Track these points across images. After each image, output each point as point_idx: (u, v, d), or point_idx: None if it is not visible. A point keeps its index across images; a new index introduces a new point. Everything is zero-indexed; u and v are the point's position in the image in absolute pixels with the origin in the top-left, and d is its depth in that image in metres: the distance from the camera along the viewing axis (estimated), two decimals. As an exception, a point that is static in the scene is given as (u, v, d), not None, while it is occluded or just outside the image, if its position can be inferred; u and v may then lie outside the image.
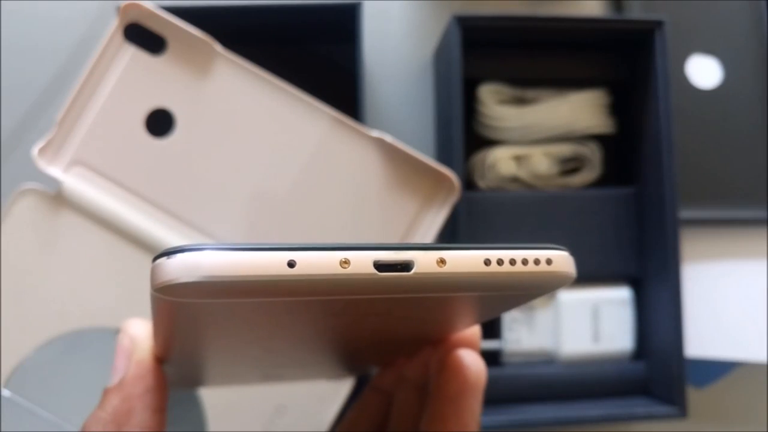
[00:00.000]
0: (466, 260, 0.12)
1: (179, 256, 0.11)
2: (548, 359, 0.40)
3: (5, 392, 0.31)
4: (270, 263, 0.11)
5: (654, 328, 0.39)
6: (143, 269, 0.32)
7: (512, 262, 0.13)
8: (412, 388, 0.22)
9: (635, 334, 0.41)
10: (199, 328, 0.15)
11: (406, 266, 0.12)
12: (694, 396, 0.39)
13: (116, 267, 0.32)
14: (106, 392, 0.19)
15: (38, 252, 0.32)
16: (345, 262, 0.11)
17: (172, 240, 0.32)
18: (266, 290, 0.11)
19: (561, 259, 0.13)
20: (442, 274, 0.12)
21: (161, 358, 0.20)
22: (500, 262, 0.13)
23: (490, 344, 0.39)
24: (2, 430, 0.31)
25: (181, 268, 0.11)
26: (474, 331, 0.21)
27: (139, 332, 0.20)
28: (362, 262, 0.12)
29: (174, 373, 0.21)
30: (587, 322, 0.40)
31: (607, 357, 0.40)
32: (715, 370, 0.44)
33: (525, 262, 0.13)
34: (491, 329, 0.40)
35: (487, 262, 0.13)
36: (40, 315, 0.31)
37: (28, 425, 0.31)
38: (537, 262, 0.13)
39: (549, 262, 0.13)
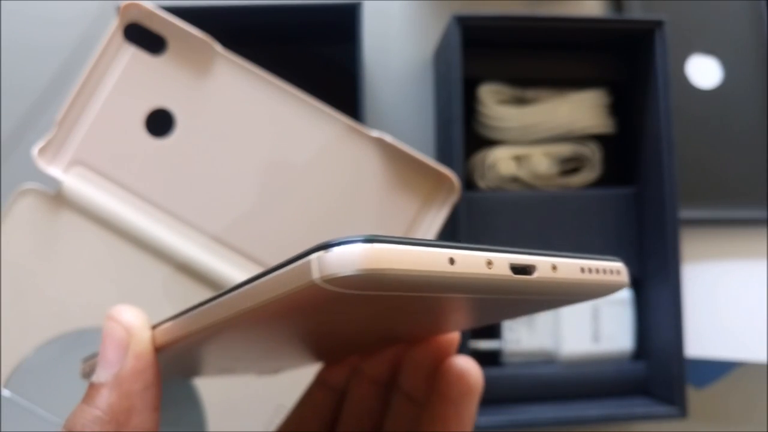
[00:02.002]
0: (569, 267, 0.14)
1: (353, 246, 0.11)
2: (548, 359, 0.40)
3: (5, 392, 0.31)
4: (435, 259, 0.11)
5: (654, 328, 0.39)
6: (143, 269, 0.32)
7: (598, 271, 0.14)
8: (371, 384, 0.22)
9: (635, 334, 0.41)
10: (306, 321, 0.15)
11: (530, 270, 0.13)
12: (694, 396, 0.39)
13: (116, 267, 0.32)
14: (97, 387, 0.17)
15: (38, 252, 0.32)
16: (489, 263, 0.12)
17: (172, 240, 0.32)
18: (430, 286, 0.11)
19: (624, 271, 0.15)
20: (554, 279, 0.13)
21: (161, 349, 0.18)
22: (590, 270, 0.14)
23: (490, 344, 0.39)
24: (2, 430, 0.31)
25: (361, 258, 0.11)
26: (455, 335, 0.21)
27: (135, 321, 0.18)
28: (501, 264, 0.12)
29: (166, 364, 0.20)
30: (587, 322, 0.40)
31: (607, 357, 0.40)
32: (715, 370, 0.44)
33: (605, 271, 0.14)
34: (491, 329, 0.40)
35: (583, 270, 0.14)
36: (40, 315, 0.31)
37: (28, 425, 0.31)
38: (612, 272, 0.15)
39: (619, 272, 0.15)
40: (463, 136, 0.37)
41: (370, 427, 0.23)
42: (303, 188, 0.33)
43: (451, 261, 0.11)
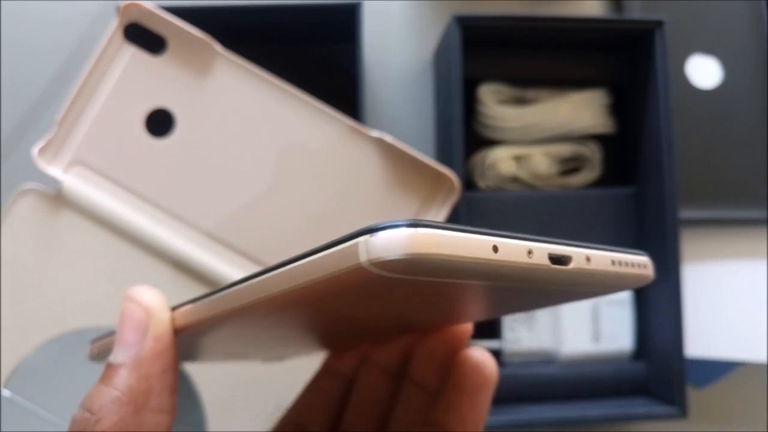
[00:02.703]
0: (602, 259, 0.14)
1: (400, 230, 0.11)
2: (548, 359, 0.40)
3: (5, 392, 0.31)
4: (480, 246, 0.11)
5: (654, 328, 0.39)
6: (143, 269, 0.32)
7: (628, 264, 0.14)
8: (380, 372, 0.23)
9: (635, 334, 0.41)
10: (334, 305, 0.14)
11: (566, 261, 0.13)
12: (694, 396, 0.39)
13: (116, 267, 0.32)
14: (115, 368, 0.17)
15: (38, 252, 0.32)
16: (530, 252, 0.12)
17: (172, 239, 0.32)
18: (472, 272, 0.11)
19: (651, 265, 0.15)
20: (587, 270, 0.13)
21: (179, 332, 0.18)
22: (620, 263, 0.14)
23: (490, 344, 0.39)
24: (2, 430, 0.31)
25: (408, 243, 0.11)
26: (468, 326, 0.22)
27: (155, 302, 0.18)
28: (540, 254, 0.12)
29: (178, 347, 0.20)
30: (587, 322, 0.40)
31: (607, 357, 0.40)
32: (715, 370, 0.44)
33: (634, 265, 0.15)
34: (491, 329, 0.40)
35: (613, 263, 0.14)
36: (40, 315, 0.31)
37: (28, 425, 0.31)
38: (640, 265, 0.15)
39: (646, 266, 0.15)
40: (463, 136, 0.37)
41: (377, 415, 0.23)
42: (303, 188, 0.33)
43: (495, 249, 0.12)
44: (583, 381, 0.40)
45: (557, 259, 0.13)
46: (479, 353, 0.21)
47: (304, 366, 0.25)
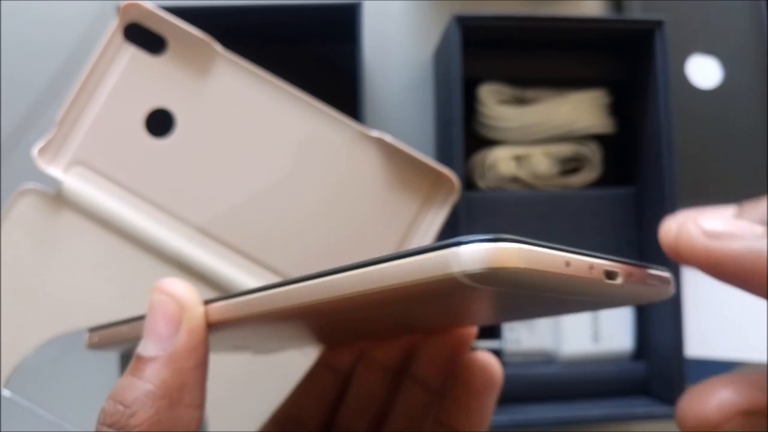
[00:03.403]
0: (640, 276, 0.14)
1: (494, 244, 0.11)
2: (548, 359, 0.40)
3: (5, 392, 0.31)
4: (555, 261, 0.12)
5: (654, 328, 0.39)
6: (143, 269, 0.32)
7: (658, 279, 0.15)
8: (381, 369, 0.23)
9: (635, 334, 0.41)
10: (384, 308, 0.15)
11: (615, 276, 0.13)
12: (694, 396, 0.39)
13: (116, 267, 0.32)
14: (147, 361, 0.17)
15: (38, 252, 0.32)
16: (591, 267, 0.13)
17: (172, 239, 0.32)
18: (546, 285, 0.12)
19: (673, 281, 0.16)
20: (629, 286, 0.14)
21: (212, 326, 0.18)
22: (653, 279, 0.15)
23: (490, 344, 0.39)
24: (2, 430, 0.31)
25: (503, 256, 0.11)
26: (474, 328, 0.22)
27: (189, 295, 0.17)
28: (599, 269, 0.13)
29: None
30: (587, 322, 0.40)
31: (607, 357, 0.40)
32: (715, 370, 0.44)
33: (663, 281, 0.15)
34: (491, 329, 0.40)
35: (648, 278, 0.14)
36: (40, 315, 0.31)
37: (28, 425, 0.31)
38: (667, 282, 0.15)
39: (670, 282, 0.15)
40: (463, 136, 0.37)
41: (374, 411, 0.23)
42: (304, 188, 0.33)
43: (567, 264, 0.12)
44: (583, 381, 0.40)
45: (610, 275, 0.13)
46: (486, 355, 0.22)
47: (303, 365, 0.25)
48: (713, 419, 0.13)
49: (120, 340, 0.20)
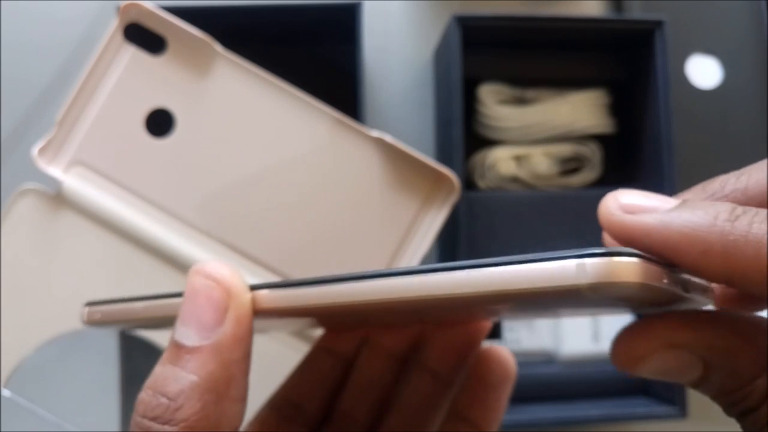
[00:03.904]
0: (697, 287, 0.14)
1: (628, 259, 0.12)
2: (548, 359, 0.40)
3: (5, 392, 0.31)
4: (660, 275, 0.12)
5: (654, 328, 0.39)
6: (143, 269, 0.32)
7: (701, 289, 0.14)
8: (386, 357, 0.23)
9: (635, 334, 0.41)
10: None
11: (689, 289, 0.13)
12: (694, 396, 0.39)
13: (116, 267, 0.32)
14: (191, 351, 0.16)
15: (38, 252, 0.32)
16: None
17: (172, 239, 0.32)
18: (649, 298, 0.13)
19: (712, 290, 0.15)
20: (690, 298, 0.14)
21: (258, 315, 0.17)
22: (701, 290, 0.14)
23: (490, 344, 0.39)
24: (2, 430, 0.31)
25: (632, 270, 0.12)
26: (488, 323, 0.22)
27: (236, 281, 0.16)
28: (675, 282, 0.13)
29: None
30: (587, 322, 0.40)
31: (607, 357, 0.40)
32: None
33: (706, 291, 0.14)
34: (491, 329, 0.40)
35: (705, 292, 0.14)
36: (40, 315, 0.31)
37: (28, 425, 0.31)
38: (708, 291, 0.15)
39: (709, 291, 0.15)
40: (463, 136, 0.37)
41: (376, 397, 0.23)
42: (303, 188, 0.33)
43: (663, 278, 0.12)
44: (583, 381, 0.40)
45: (686, 287, 0.13)
46: (501, 349, 0.22)
47: (299, 348, 0.25)
48: (640, 352, 0.14)
49: (130, 319, 0.19)
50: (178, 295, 0.17)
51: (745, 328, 0.13)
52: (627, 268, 0.11)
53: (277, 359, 0.26)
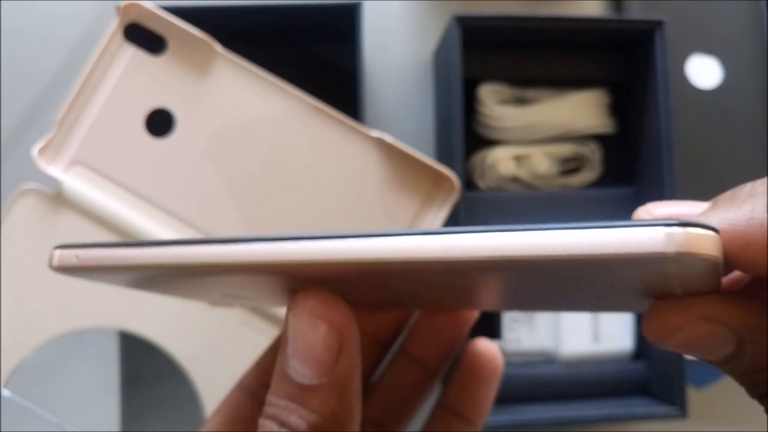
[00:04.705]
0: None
1: (708, 232, 0.12)
2: (548, 359, 0.40)
3: (5, 392, 0.31)
4: (720, 247, 0.12)
5: (654, 328, 0.39)
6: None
7: None
8: (367, 341, 0.23)
9: (635, 334, 0.41)
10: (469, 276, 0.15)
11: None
12: (694, 396, 0.39)
13: (116, 267, 0.32)
14: (311, 390, 0.16)
15: (38, 252, 0.32)
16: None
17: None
18: (710, 271, 0.13)
19: None
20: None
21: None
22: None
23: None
24: (2, 430, 0.31)
25: (712, 242, 0.12)
26: (476, 312, 0.23)
27: (344, 317, 0.16)
28: None
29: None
30: (587, 322, 0.40)
31: (607, 357, 0.40)
32: (715, 370, 0.43)
33: None
34: (491, 329, 0.40)
35: None
36: (40, 315, 0.31)
37: (28, 425, 0.31)
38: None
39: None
40: (463, 136, 0.37)
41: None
42: (303, 188, 0.33)
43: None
44: (583, 381, 0.40)
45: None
46: (490, 344, 0.23)
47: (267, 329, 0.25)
48: (676, 323, 0.14)
49: (122, 268, 0.16)
50: (182, 242, 0.16)
51: None
52: (709, 241, 0.12)
53: (241, 340, 0.26)
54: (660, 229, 0.12)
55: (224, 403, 0.22)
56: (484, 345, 0.23)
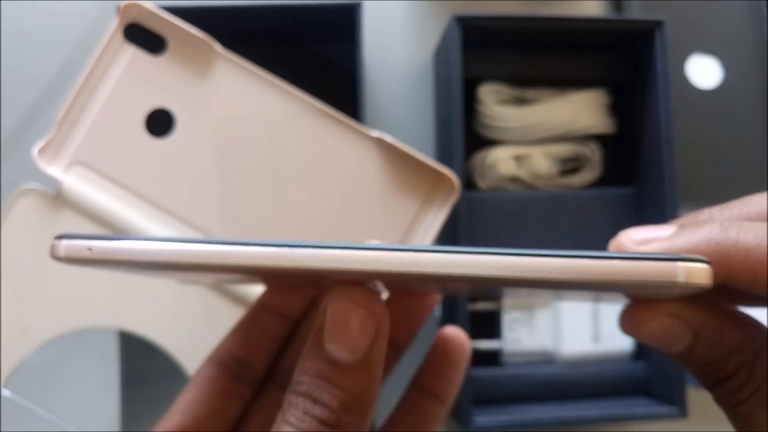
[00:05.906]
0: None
1: (704, 265, 0.15)
2: (548, 359, 0.40)
3: (5, 392, 0.31)
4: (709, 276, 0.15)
5: (654, 328, 0.39)
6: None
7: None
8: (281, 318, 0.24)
9: (635, 334, 0.41)
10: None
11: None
12: (694, 396, 0.39)
13: (116, 267, 0.32)
14: (343, 368, 0.17)
15: (38, 252, 0.32)
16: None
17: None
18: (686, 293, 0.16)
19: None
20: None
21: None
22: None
23: (490, 344, 0.39)
24: (2, 430, 0.31)
25: (707, 275, 0.15)
26: (438, 296, 0.25)
27: (381, 306, 0.17)
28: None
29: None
30: (587, 322, 0.40)
31: (607, 357, 0.40)
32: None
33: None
34: (491, 329, 0.40)
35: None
36: (40, 315, 0.31)
37: (28, 425, 0.31)
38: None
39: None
40: (463, 136, 0.37)
41: None
42: (304, 188, 0.33)
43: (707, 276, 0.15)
44: (583, 381, 0.40)
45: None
46: (458, 330, 0.25)
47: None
48: (645, 317, 0.16)
49: (136, 262, 0.16)
50: (204, 241, 0.16)
51: (732, 313, 0.17)
52: (706, 272, 0.14)
53: (203, 314, 0.26)
54: (678, 263, 0.14)
55: (198, 377, 0.22)
56: (453, 331, 0.25)
